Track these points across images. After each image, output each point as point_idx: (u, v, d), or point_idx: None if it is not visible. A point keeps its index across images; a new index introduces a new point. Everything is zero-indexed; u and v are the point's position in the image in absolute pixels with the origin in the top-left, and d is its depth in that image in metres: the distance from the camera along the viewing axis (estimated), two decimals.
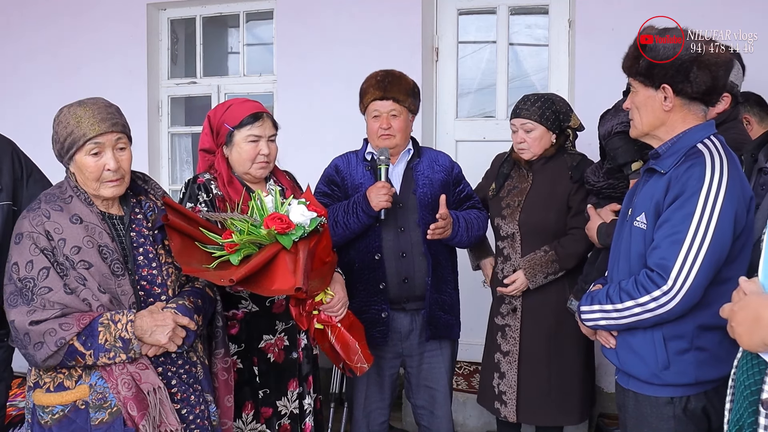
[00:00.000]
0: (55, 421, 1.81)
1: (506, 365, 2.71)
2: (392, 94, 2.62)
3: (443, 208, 2.55)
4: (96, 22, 4.48)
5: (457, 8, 4.01)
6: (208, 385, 2.02)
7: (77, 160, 1.85)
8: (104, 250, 1.84)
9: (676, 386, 1.84)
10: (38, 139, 2.69)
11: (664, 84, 1.82)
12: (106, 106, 1.87)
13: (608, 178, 2.51)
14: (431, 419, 2.75)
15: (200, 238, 1.99)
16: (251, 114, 2.26)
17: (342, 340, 2.29)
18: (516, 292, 2.69)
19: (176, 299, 1.94)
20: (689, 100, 1.84)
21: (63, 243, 1.80)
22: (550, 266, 2.64)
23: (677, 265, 1.75)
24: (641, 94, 1.88)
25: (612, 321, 1.90)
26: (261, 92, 4.35)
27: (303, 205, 2.06)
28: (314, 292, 2.23)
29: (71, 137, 1.82)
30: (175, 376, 1.93)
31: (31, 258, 1.78)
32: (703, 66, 1.79)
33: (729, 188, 1.76)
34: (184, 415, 1.92)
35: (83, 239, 1.82)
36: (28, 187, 2.46)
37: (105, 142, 1.84)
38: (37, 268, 1.78)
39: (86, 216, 1.85)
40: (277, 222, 1.98)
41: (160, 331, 1.83)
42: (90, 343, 1.76)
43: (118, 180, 1.88)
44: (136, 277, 1.90)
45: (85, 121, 1.81)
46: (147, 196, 2.03)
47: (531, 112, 2.67)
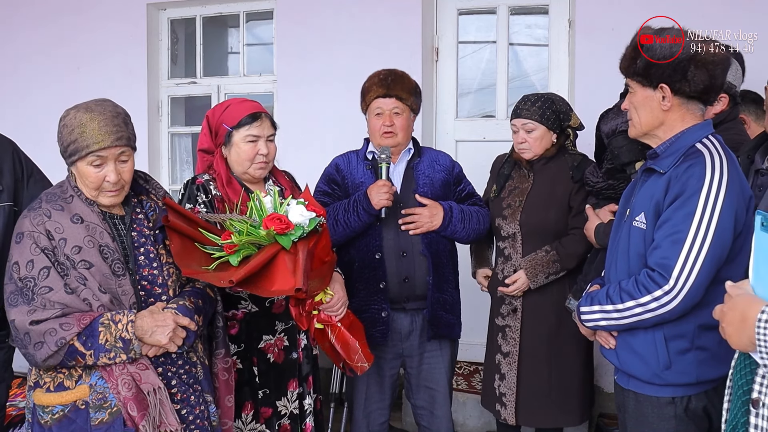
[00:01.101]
0: (55, 421, 1.81)
1: (506, 366, 2.71)
2: (395, 92, 2.62)
3: (424, 200, 2.60)
4: (96, 22, 4.48)
5: (457, 8, 4.01)
6: (208, 385, 2.02)
7: (78, 166, 1.84)
8: (105, 249, 1.83)
9: (678, 386, 1.85)
10: (38, 139, 2.70)
11: (662, 83, 1.82)
12: (113, 115, 1.83)
13: (608, 178, 2.51)
14: (431, 419, 2.75)
15: (200, 239, 1.99)
16: (249, 114, 2.26)
17: (342, 340, 2.29)
18: (517, 292, 2.68)
19: (177, 299, 1.94)
20: (687, 99, 1.84)
21: (64, 242, 1.80)
22: (552, 266, 2.64)
23: (678, 264, 1.75)
24: (639, 94, 1.88)
25: (612, 321, 1.90)
26: (261, 92, 4.35)
27: (302, 205, 2.06)
28: (314, 292, 2.23)
29: (74, 145, 1.81)
30: (175, 377, 1.92)
31: (32, 257, 1.78)
32: (701, 65, 1.79)
33: (729, 187, 1.76)
34: (183, 415, 1.92)
35: (84, 239, 1.82)
36: (28, 188, 2.46)
37: (108, 155, 1.82)
38: (37, 268, 1.77)
39: (87, 216, 1.85)
40: (276, 222, 1.97)
41: (160, 332, 1.83)
42: (90, 343, 1.76)
43: (117, 191, 1.87)
44: (137, 277, 1.89)
45: (89, 132, 1.79)
46: (148, 196, 2.03)
47: (532, 112, 2.67)
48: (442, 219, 2.60)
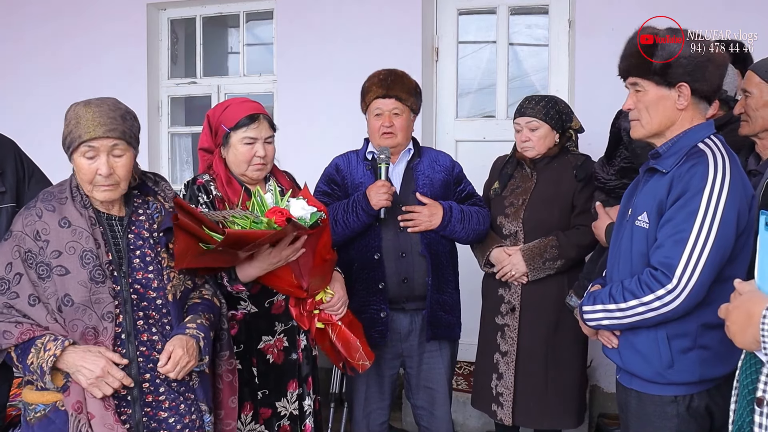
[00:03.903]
0: (37, 420, 1.82)
1: (504, 366, 2.70)
2: (395, 92, 2.62)
3: (424, 198, 2.59)
4: (96, 22, 4.48)
5: (457, 8, 4.01)
6: (204, 394, 1.97)
7: (74, 159, 1.84)
8: (87, 255, 1.80)
9: (680, 384, 1.85)
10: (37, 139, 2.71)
11: (682, 83, 1.82)
12: (111, 109, 1.83)
13: (622, 177, 2.48)
14: (431, 419, 2.75)
15: (205, 238, 1.98)
16: (247, 116, 2.25)
17: (343, 338, 2.30)
18: (513, 274, 2.65)
19: (194, 317, 1.92)
20: (699, 99, 1.86)
21: (47, 245, 1.80)
22: (550, 251, 2.62)
23: (682, 263, 1.76)
24: (652, 93, 1.86)
25: (615, 321, 1.89)
26: (261, 92, 4.35)
27: (303, 201, 2.06)
28: (315, 290, 2.24)
29: (70, 136, 1.82)
30: (163, 383, 1.88)
31: (11, 260, 1.80)
32: (715, 65, 1.82)
33: (731, 187, 1.77)
34: (171, 423, 1.89)
35: (66, 245, 1.80)
36: (30, 188, 2.45)
37: (99, 146, 1.81)
38: (14, 272, 1.79)
39: (76, 219, 1.83)
40: (278, 215, 1.97)
41: (84, 373, 1.73)
42: (21, 359, 1.77)
43: (110, 185, 1.85)
44: (129, 281, 1.86)
45: (83, 123, 1.79)
46: (155, 197, 2.01)
47: (536, 111, 2.68)
48: (441, 218, 2.60)
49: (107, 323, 1.80)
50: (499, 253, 2.70)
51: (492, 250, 2.72)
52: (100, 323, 1.79)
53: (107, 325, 1.80)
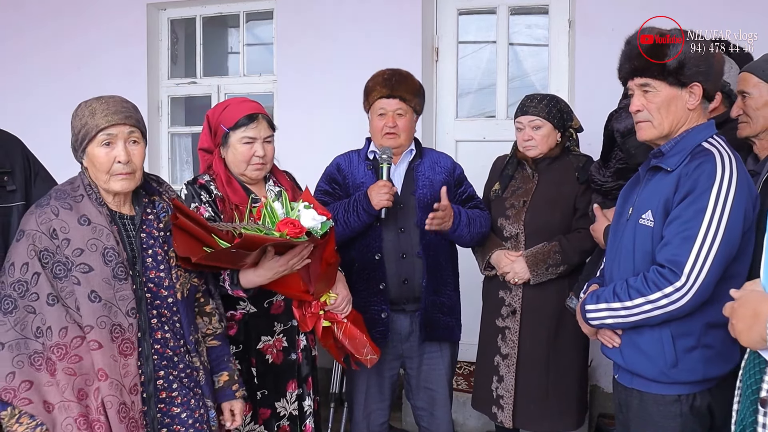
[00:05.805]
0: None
1: (505, 369, 2.70)
2: (399, 92, 2.61)
3: (444, 200, 2.54)
4: (96, 21, 4.48)
5: (457, 8, 4.01)
6: (209, 390, 2.01)
7: (89, 152, 1.84)
8: (109, 253, 1.81)
9: (684, 384, 1.85)
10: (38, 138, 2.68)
11: (695, 83, 1.83)
12: (123, 101, 1.89)
13: (618, 178, 2.47)
14: (431, 420, 2.75)
15: (209, 243, 1.97)
16: (246, 115, 2.25)
17: (350, 335, 2.31)
18: (515, 277, 2.64)
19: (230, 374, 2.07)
20: (704, 98, 1.88)
21: (67, 243, 1.79)
22: (553, 256, 2.62)
23: (690, 260, 1.75)
24: (664, 93, 1.86)
25: (620, 319, 1.89)
26: (261, 92, 4.35)
27: (312, 210, 2.06)
28: (320, 293, 2.24)
29: (85, 128, 1.83)
30: (176, 380, 1.92)
31: (27, 260, 1.77)
32: (719, 65, 1.85)
33: (739, 185, 1.77)
34: (183, 418, 1.92)
35: (88, 242, 1.80)
36: (36, 186, 2.45)
37: (117, 133, 1.83)
38: (31, 272, 1.77)
39: (95, 217, 1.84)
40: (290, 227, 1.98)
41: None
42: None
43: (128, 174, 1.86)
44: (143, 279, 1.87)
45: (99, 113, 1.82)
46: (161, 197, 2.02)
47: (539, 110, 2.67)
48: (452, 222, 2.59)
49: (131, 319, 1.82)
50: (500, 256, 2.70)
51: (492, 253, 2.72)
52: (125, 320, 1.81)
53: (132, 321, 1.82)
